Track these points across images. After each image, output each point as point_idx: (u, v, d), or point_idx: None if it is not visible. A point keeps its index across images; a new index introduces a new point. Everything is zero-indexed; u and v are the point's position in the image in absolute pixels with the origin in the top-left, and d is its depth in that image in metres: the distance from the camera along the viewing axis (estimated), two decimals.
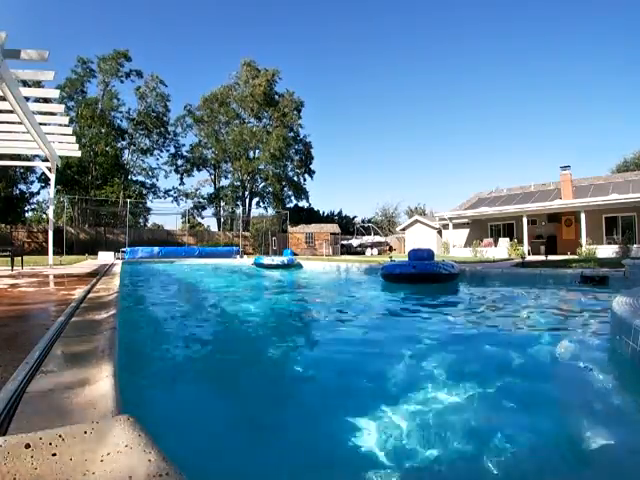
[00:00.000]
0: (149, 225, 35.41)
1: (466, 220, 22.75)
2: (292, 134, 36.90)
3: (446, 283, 7.56)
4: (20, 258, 8.70)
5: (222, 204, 37.05)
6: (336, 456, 1.63)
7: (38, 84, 15.50)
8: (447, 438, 1.67)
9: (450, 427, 1.77)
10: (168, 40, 49.19)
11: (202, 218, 38.39)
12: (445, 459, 1.53)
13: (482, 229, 22.76)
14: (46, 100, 12.80)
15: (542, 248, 18.81)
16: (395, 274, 7.62)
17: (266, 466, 1.54)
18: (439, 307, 5.54)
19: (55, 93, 7.74)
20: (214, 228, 35.51)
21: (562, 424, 1.85)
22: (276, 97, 36.60)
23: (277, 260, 13.25)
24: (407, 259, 8.37)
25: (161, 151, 35.71)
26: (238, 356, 3.22)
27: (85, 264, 11.65)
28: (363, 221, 35.23)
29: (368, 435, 1.71)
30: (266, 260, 13.47)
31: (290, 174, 38.16)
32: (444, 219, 22.36)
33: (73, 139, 9.03)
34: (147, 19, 46.86)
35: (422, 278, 7.28)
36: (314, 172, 39.16)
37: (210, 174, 38.45)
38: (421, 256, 8.16)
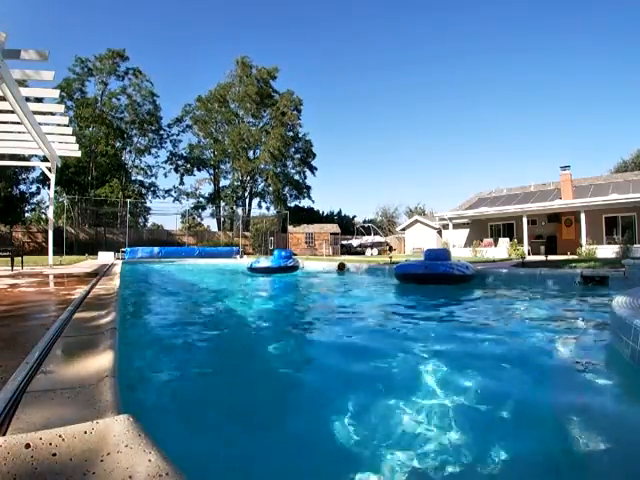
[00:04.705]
0: (149, 225, 35.44)
1: (466, 220, 22.75)
2: (292, 133, 36.90)
3: (459, 284, 7.32)
4: (20, 258, 8.70)
5: (222, 204, 37.08)
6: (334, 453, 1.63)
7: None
8: (442, 438, 1.67)
9: (447, 426, 1.77)
10: (168, 41, 49.28)
11: (202, 219, 38.42)
12: (440, 460, 1.53)
13: (482, 229, 22.76)
14: (45, 100, 12.78)
15: (542, 248, 18.81)
16: (408, 274, 7.46)
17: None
18: (437, 306, 5.53)
19: (55, 93, 7.74)
20: (214, 228, 35.57)
21: (561, 424, 1.85)
22: (275, 96, 36.57)
23: (264, 263, 11.29)
24: (422, 258, 8.12)
25: (158, 149, 35.77)
26: (240, 356, 3.22)
27: (85, 264, 11.64)
28: (364, 221, 35.24)
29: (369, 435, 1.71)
30: (249, 263, 11.57)
31: (291, 172, 38.18)
32: (444, 219, 22.36)
33: (73, 139, 9.03)
34: (146, 20, 46.89)
35: (434, 279, 7.11)
36: (316, 169, 39.19)
37: (210, 174, 38.49)
38: (436, 256, 7.92)
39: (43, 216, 32.56)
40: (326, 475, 1.50)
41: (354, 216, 42.18)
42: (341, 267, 11.71)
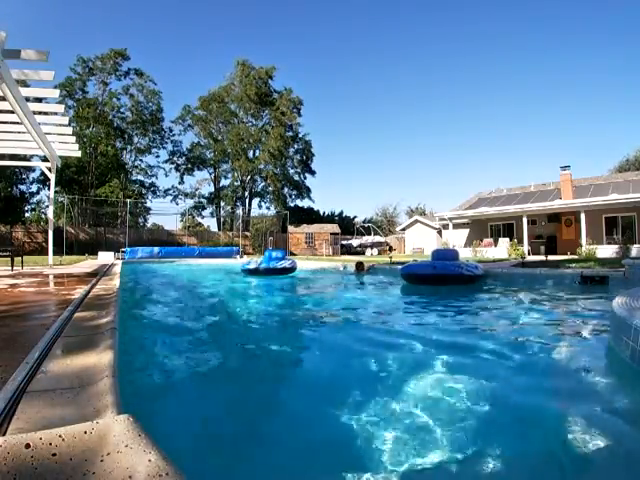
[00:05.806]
0: (149, 225, 35.44)
1: (466, 220, 22.74)
2: (291, 133, 36.88)
3: (468, 285, 7.16)
4: (20, 258, 8.70)
5: (222, 204, 37.09)
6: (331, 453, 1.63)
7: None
8: (440, 437, 1.67)
9: (445, 425, 1.77)
10: (168, 40, 49.27)
11: (202, 218, 38.45)
12: (441, 459, 1.52)
13: (482, 229, 22.75)
14: (45, 100, 12.79)
15: (542, 248, 18.81)
16: (415, 274, 7.27)
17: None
18: (437, 305, 5.53)
19: (55, 93, 7.75)
20: (214, 228, 35.58)
21: (561, 425, 1.85)
22: (275, 95, 36.56)
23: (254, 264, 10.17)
24: (430, 259, 7.92)
25: (159, 149, 35.77)
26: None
27: (85, 264, 11.64)
28: (363, 221, 35.22)
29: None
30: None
31: (291, 172, 38.17)
32: (444, 219, 22.36)
33: (73, 139, 9.04)
34: (146, 20, 46.88)
35: (443, 279, 6.95)
36: (315, 172, 39.20)
37: (210, 174, 38.50)
38: (444, 256, 7.75)
39: (43, 216, 32.56)
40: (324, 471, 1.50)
41: (354, 216, 42.18)
42: (359, 267, 10.06)
